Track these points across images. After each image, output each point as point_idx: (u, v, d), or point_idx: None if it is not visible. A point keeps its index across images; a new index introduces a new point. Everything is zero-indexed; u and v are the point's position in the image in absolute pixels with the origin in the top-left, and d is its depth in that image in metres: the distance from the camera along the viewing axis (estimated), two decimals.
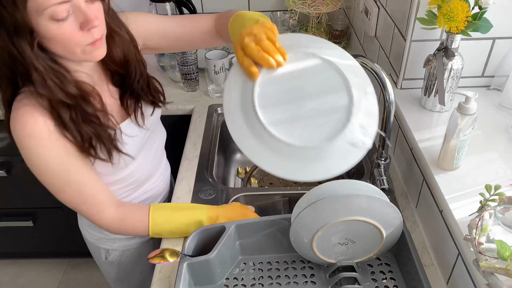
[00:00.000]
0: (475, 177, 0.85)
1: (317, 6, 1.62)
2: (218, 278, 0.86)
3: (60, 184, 0.85)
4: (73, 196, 0.87)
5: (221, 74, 1.42)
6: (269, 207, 1.10)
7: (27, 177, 1.69)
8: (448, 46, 0.95)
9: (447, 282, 0.84)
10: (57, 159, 0.81)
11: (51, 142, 0.79)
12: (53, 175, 0.84)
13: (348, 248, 0.83)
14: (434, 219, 0.88)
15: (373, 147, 1.19)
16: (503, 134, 0.95)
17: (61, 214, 1.82)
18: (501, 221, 0.65)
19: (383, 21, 1.22)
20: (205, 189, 1.09)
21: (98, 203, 0.89)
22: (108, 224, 0.92)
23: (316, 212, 0.76)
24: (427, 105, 1.04)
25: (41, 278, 2.03)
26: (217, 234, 0.85)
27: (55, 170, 0.83)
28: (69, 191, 0.86)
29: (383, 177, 0.98)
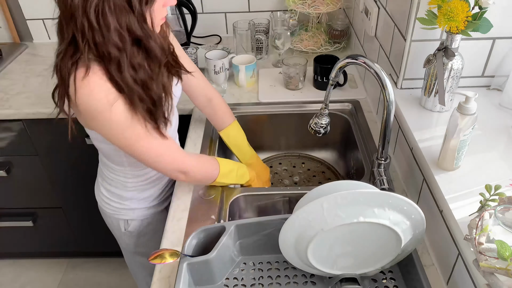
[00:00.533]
0: (475, 177, 0.85)
1: (317, 6, 1.62)
2: (218, 278, 0.86)
3: (138, 130, 0.90)
4: (150, 141, 0.92)
5: (221, 74, 1.42)
6: (269, 207, 1.10)
7: (27, 177, 1.72)
8: (448, 46, 0.95)
9: (447, 282, 0.84)
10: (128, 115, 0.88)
11: (121, 103, 0.86)
12: (128, 129, 0.89)
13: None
14: (434, 219, 0.88)
15: (373, 146, 1.20)
16: (503, 134, 0.95)
17: (61, 214, 1.82)
18: (501, 221, 0.65)
19: (383, 21, 1.22)
20: (205, 189, 1.09)
21: (173, 144, 0.98)
22: (191, 161, 1.01)
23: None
24: (427, 105, 1.04)
25: (41, 278, 2.03)
26: (217, 234, 0.85)
27: (129, 125, 0.88)
28: (144, 137, 0.91)
29: (383, 177, 0.98)
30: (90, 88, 0.82)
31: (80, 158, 1.62)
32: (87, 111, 0.85)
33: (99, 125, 0.88)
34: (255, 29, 1.63)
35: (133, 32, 0.82)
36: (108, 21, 0.78)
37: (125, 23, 0.80)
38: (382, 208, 0.71)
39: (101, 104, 0.83)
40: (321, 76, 1.43)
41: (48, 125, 1.52)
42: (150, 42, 0.85)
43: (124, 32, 0.81)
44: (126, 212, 1.15)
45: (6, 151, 1.61)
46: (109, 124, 0.87)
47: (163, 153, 0.95)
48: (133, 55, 0.84)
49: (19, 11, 1.85)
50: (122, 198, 1.13)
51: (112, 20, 0.79)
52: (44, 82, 1.62)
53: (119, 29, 0.80)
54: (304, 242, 0.76)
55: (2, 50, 1.81)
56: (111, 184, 1.12)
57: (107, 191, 1.14)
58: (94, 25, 0.79)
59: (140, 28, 0.82)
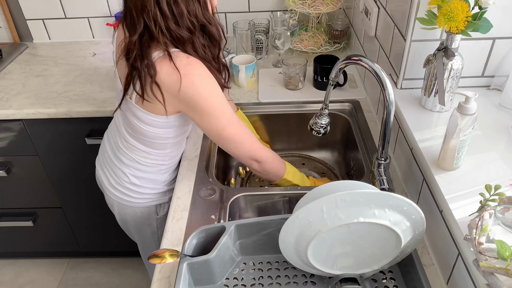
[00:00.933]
0: (475, 177, 0.85)
1: (317, 6, 1.62)
2: (218, 278, 0.86)
3: (229, 116, 1.01)
4: (238, 126, 1.03)
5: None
6: (269, 207, 1.10)
7: (27, 177, 1.72)
8: (448, 46, 0.95)
9: (447, 282, 0.84)
10: (221, 91, 1.00)
11: (215, 81, 0.98)
12: (224, 108, 1.00)
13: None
14: (434, 219, 0.88)
15: (373, 146, 1.20)
16: (503, 134, 0.95)
17: (61, 214, 1.82)
18: (501, 221, 0.65)
19: (383, 21, 1.22)
20: (205, 189, 1.09)
21: (250, 131, 1.08)
22: (266, 151, 1.09)
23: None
24: (427, 105, 1.04)
25: (41, 278, 2.03)
26: (217, 234, 0.85)
27: (224, 101, 1.00)
28: (234, 123, 1.03)
29: (383, 177, 0.98)
30: (194, 72, 0.93)
31: (80, 158, 1.62)
32: (192, 93, 0.94)
33: (203, 104, 0.96)
34: (255, 29, 1.63)
35: (199, 18, 0.95)
36: (181, 8, 0.91)
37: (193, 10, 0.93)
38: (382, 208, 0.71)
39: (206, 83, 0.95)
40: (321, 76, 1.43)
41: (48, 125, 1.52)
42: (211, 27, 0.98)
43: (193, 18, 0.93)
44: (159, 196, 1.19)
45: (6, 151, 1.61)
46: (213, 101, 0.97)
47: (245, 140, 1.05)
48: (200, 37, 0.97)
49: (19, 11, 1.85)
50: (157, 182, 1.17)
51: (183, 8, 0.91)
52: (44, 82, 1.62)
53: (189, 16, 0.93)
54: (304, 242, 0.76)
55: (2, 50, 1.81)
56: (145, 171, 1.14)
57: (139, 179, 1.15)
58: (167, 14, 0.90)
59: (203, 14, 0.95)
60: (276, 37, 1.55)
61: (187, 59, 0.94)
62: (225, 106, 1.00)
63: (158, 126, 1.04)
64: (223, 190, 1.09)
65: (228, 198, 1.07)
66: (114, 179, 1.17)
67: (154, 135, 1.06)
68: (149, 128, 1.04)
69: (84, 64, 1.74)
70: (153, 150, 1.10)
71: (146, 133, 1.05)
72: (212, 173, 1.17)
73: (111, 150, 1.16)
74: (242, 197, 1.08)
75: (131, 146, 1.10)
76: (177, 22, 0.92)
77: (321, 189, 0.78)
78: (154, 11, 0.89)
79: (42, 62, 1.77)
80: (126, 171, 1.14)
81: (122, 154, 1.13)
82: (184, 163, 1.19)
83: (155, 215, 1.22)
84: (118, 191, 1.18)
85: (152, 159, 1.12)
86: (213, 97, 0.97)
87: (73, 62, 1.76)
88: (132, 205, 1.19)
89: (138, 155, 1.11)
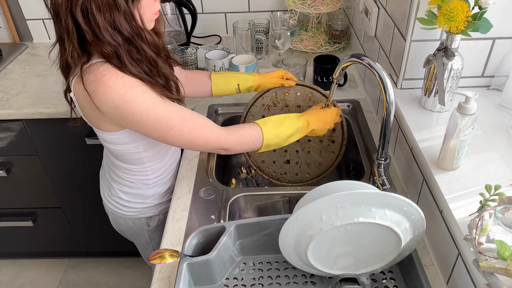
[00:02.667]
0: (475, 177, 0.85)
1: (317, 6, 1.62)
2: (218, 278, 0.86)
3: (167, 119, 0.89)
4: (182, 127, 0.91)
5: None
6: (269, 207, 1.10)
7: (27, 177, 1.72)
8: (448, 46, 0.95)
9: (447, 282, 0.84)
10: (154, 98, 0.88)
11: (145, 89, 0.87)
12: (157, 114, 0.88)
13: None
14: (434, 219, 0.88)
15: (373, 146, 1.20)
16: (503, 134, 0.95)
17: (61, 214, 1.82)
18: (501, 221, 0.65)
19: (383, 21, 1.22)
20: (205, 189, 1.09)
21: (205, 124, 0.95)
22: (226, 138, 0.97)
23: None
24: (427, 105, 1.04)
25: (41, 278, 2.03)
26: (217, 234, 0.85)
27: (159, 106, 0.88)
28: (176, 124, 0.90)
29: (383, 177, 0.98)
30: (106, 85, 0.82)
31: (80, 158, 1.62)
32: (113, 107, 0.85)
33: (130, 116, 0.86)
34: (255, 29, 1.63)
35: (122, 31, 0.81)
36: (97, 20, 0.78)
37: (112, 22, 0.80)
38: (382, 208, 0.71)
39: (123, 93, 0.83)
40: (321, 76, 1.43)
41: (48, 125, 1.52)
42: (138, 41, 0.84)
43: (114, 31, 0.80)
44: (149, 209, 1.16)
45: (6, 151, 1.61)
46: (139, 110, 0.86)
47: (197, 136, 0.94)
48: (131, 51, 0.84)
49: (19, 11, 1.85)
50: (144, 197, 1.13)
51: (100, 19, 0.78)
52: (44, 82, 1.62)
53: (109, 28, 0.80)
54: (304, 242, 0.76)
55: (2, 50, 1.81)
56: (131, 187, 1.11)
57: (127, 194, 1.13)
58: (83, 25, 0.79)
59: (128, 25, 0.82)
60: (276, 37, 1.55)
61: (97, 73, 0.83)
62: (157, 111, 0.87)
63: (120, 142, 0.98)
64: (223, 190, 1.09)
65: (228, 198, 1.07)
66: (106, 191, 1.18)
67: (124, 152, 1.01)
68: (114, 146, 1.00)
69: None
70: (131, 166, 1.06)
71: (115, 151, 1.01)
72: (212, 173, 1.17)
73: (106, 164, 1.15)
74: (242, 197, 1.08)
75: (114, 164, 1.09)
76: (95, 35, 0.80)
77: (321, 189, 0.78)
78: (66, 21, 0.79)
79: (42, 62, 1.77)
80: (115, 186, 1.13)
81: (110, 170, 1.12)
82: (184, 163, 1.19)
83: (146, 226, 1.21)
84: (109, 203, 1.18)
85: (134, 175, 1.09)
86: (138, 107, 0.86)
87: None
88: (123, 216, 1.18)
89: (121, 172, 1.09)
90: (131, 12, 0.81)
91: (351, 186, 0.78)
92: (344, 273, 0.82)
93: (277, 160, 1.27)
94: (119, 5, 0.79)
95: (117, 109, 0.85)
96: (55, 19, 0.82)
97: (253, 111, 1.25)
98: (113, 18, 0.79)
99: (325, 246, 0.77)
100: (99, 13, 0.78)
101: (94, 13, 0.78)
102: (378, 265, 0.81)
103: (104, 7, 0.78)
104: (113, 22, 0.80)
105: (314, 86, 1.21)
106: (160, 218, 1.21)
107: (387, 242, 0.76)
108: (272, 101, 1.23)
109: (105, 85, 0.82)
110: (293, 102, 1.24)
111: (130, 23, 0.82)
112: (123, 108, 0.85)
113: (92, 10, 0.78)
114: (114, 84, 0.83)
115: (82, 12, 0.78)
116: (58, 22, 0.81)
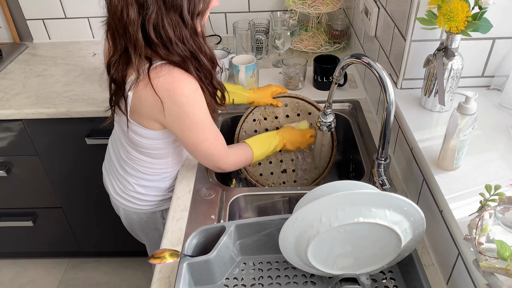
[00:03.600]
0: (475, 177, 0.85)
1: (317, 6, 1.62)
2: (218, 278, 0.86)
3: (207, 132, 0.99)
4: (213, 141, 1.02)
5: (221, 74, 1.42)
6: (269, 207, 1.10)
7: (27, 177, 1.72)
8: (448, 46, 0.95)
9: (447, 282, 0.84)
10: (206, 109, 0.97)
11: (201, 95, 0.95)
12: (205, 124, 0.98)
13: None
14: (434, 219, 0.88)
15: (373, 146, 1.20)
16: (503, 134, 0.95)
17: (61, 214, 1.82)
18: (501, 221, 0.65)
19: (383, 21, 1.22)
20: (205, 189, 1.09)
21: (223, 144, 1.06)
22: (231, 160, 1.08)
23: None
24: (427, 105, 1.04)
25: (41, 278, 2.03)
26: (217, 234, 0.85)
27: (208, 117, 0.98)
28: (210, 138, 1.00)
29: (383, 177, 0.98)
30: (174, 75, 0.89)
31: (80, 158, 1.62)
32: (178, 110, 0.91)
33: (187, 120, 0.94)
34: (255, 29, 1.63)
35: (188, 45, 0.89)
36: (169, 35, 0.86)
37: (181, 36, 0.87)
38: (382, 208, 0.71)
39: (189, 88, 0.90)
40: (321, 76, 1.43)
41: (48, 125, 1.52)
42: (200, 55, 0.92)
43: (183, 46, 0.88)
44: (165, 202, 1.19)
45: (6, 151, 1.61)
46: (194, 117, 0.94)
47: (216, 153, 1.04)
48: (193, 61, 0.91)
49: (19, 11, 1.85)
50: (162, 189, 1.16)
51: (171, 34, 0.86)
52: (44, 82, 1.62)
53: (178, 43, 0.87)
54: (304, 242, 0.76)
55: (2, 50, 1.81)
56: (149, 180, 1.14)
57: (144, 188, 1.15)
58: (154, 40, 0.86)
59: (192, 40, 0.89)
60: (276, 37, 1.55)
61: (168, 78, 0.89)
62: (205, 122, 0.98)
63: (154, 138, 1.03)
64: (223, 190, 1.09)
65: (228, 198, 1.07)
66: (119, 187, 1.18)
67: (153, 147, 1.06)
68: (145, 141, 1.03)
69: (84, 64, 1.74)
70: (155, 160, 1.10)
71: (145, 145, 1.05)
72: (212, 173, 1.17)
73: (116, 159, 1.16)
74: (242, 197, 1.08)
75: (133, 158, 1.10)
76: (167, 48, 0.88)
77: (321, 189, 0.78)
78: (136, 36, 0.85)
79: (42, 62, 1.77)
80: (131, 180, 1.14)
81: (126, 164, 1.13)
82: (184, 163, 1.19)
83: (161, 219, 1.23)
84: (123, 199, 1.19)
85: (155, 169, 1.12)
86: (194, 114, 0.94)
87: (73, 62, 1.76)
88: (137, 211, 1.20)
89: (141, 166, 1.11)
90: (195, 28, 0.89)
91: (351, 186, 0.78)
92: (344, 273, 0.82)
93: (274, 171, 1.30)
94: (186, 22, 0.86)
95: (180, 111, 0.92)
96: (121, 33, 0.86)
97: (245, 127, 1.31)
98: (182, 33, 0.87)
99: (325, 246, 0.77)
100: (170, 29, 0.85)
101: (166, 28, 0.85)
102: (378, 265, 0.81)
103: (174, 24, 0.85)
104: (182, 38, 0.87)
105: (300, 96, 1.27)
106: None
107: (387, 242, 0.76)
108: (262, 115, 1.30)
109: (179, 91, 0.89)
110: (282, 113, 1.30)
111: (193, 38, 0.89)
112: (185, 110, 0.92)
113: (164, 25, 0.84)
114: (187, 90, 0.90)
115: (153, 27, 0.84)
116: (124, 35, 0.86)
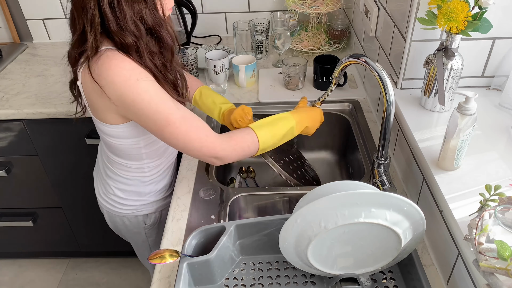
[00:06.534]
0: (475, 177, 0.85)
1: (317, 6, 1.62)
2: (218, 278, 0.86)
3: (166, 114, 0.90)
4: (180, 125, 0.92)
5: (221, 74, 1.42)
6: (269, 207, 1.10)
7: (27, 177, 1.72)
8: (448, 46, 0.95)
9: (447, 282, 0.84)
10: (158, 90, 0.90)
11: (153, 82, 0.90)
12: (158, 106, 0.89)
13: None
14: (434, 219, 0.88)
15: (373, 146, 1.20)
16: (503, 134, 0.95)
17: (61, 214, 1.82)
18: (501, 221, 0.65)
19: (383, 21, 1.22)
20: (205, 189, 1.09)
21: (203, 127, 0.95)
22: (221, 145, 0.96)
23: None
24: (427, 105, 1.04)
25: (41, 278, 2.03)
26: (217, 234, 0.85)
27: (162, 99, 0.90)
28: (175, 121, 0.91)
29: (383, 177, 0.98)
30: (111, 61, 0.85)
31: (80, 158, 1.62)
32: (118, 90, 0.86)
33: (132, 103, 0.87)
34: (255, 29, 1.63)
35: (146, 21, 0.87)
36: (124, 10, 0.83)
37: (138, 12, 0.85)
38: (382, 208, 0.71)
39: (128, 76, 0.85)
40: (321, 76, 1.43)
41: (48, 125, 1.52)
42: (162, 31, 0.89)
43: (139, 21, 0.86)
44: (145, 207, 1.17)
45: (6, 151, 1.61)
46: (141, 98, 0.87)
47: (191, 139, 0.93)
48: (149, 43, 0.89)
49: (19, 11, 1.85)
50: (141, 194, 1.14)
51: (127, 9, 0.84)
52: (44, 82, 1.62)
53: (134, 18, 0.85)
54: (304, 242, 0.76)
55: (2, 50, 1.81)
56: (127, 184, 1.12)
57: (123, 192, 1.13)
58: (109, 15, 0.83)
59: (151, 16, 0.87)
60: (276, 37, 1.55)
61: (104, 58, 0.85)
62: (159, 104, 0.89)
63: (122, 136, 0.99)
64: (223, 190, 1.09)
65: (228, 198, 1.07)
66: (102, 189, 1.18)
67: (124, 147, 1.02)
68: (115, 140, 1.00)
69: None
70: (130, 162, 1.07)
71: (115, 145, 1.02)
72: (212, 173, 1.17)
73: (101, 161, 1.16)
74: (242, 197, 1.08)
75: (111, 160, 1.09)
76: (120, 25, 0.84)
77: (321, 189, 0.78)
78: (93, 12, 0.83)
79: (42, 62, 1.77)
80: (111, 183, 1.13)
81: (106, 167, 1.13)
82: (184, 163, 1.19)
83: (143, 224, 1.21)
84: (105, 201, 1.18)
85: (131, 172, 1.09)
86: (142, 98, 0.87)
87: None
88: (119, 214, 1.19)
89: (118, 169, 1.09)
90: (155, 4, 0.87)
91: (351, 186, 0.78)
92: (344, 273, 0.82)
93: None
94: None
95: (121, 95, 0.87)
96: (80, 12, 0.85)
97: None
98: (139, 9, 0.85)
99: (325, 246, 0.77)
100: (127, 4, 0.83)
101: (122, 3, 0.83)
102: (378, 265, 0.81)
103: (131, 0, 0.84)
104: (139, 13, 0.85)
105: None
106: (156, 216, 1.21)
107: (387, 242, 0.76)
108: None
109: (112, 69, 0.85)
110: None
111: (153, 14, 0.87)
112: (127, 94, 0.86)
113: (120, 1, 0.83)
114: (122, 68, 0.85)
115: (109, 3, 0.83)
116: (83, 14, 0.84)
